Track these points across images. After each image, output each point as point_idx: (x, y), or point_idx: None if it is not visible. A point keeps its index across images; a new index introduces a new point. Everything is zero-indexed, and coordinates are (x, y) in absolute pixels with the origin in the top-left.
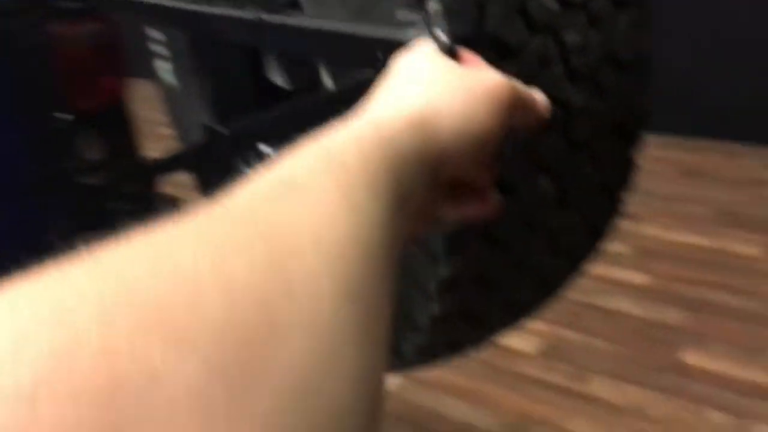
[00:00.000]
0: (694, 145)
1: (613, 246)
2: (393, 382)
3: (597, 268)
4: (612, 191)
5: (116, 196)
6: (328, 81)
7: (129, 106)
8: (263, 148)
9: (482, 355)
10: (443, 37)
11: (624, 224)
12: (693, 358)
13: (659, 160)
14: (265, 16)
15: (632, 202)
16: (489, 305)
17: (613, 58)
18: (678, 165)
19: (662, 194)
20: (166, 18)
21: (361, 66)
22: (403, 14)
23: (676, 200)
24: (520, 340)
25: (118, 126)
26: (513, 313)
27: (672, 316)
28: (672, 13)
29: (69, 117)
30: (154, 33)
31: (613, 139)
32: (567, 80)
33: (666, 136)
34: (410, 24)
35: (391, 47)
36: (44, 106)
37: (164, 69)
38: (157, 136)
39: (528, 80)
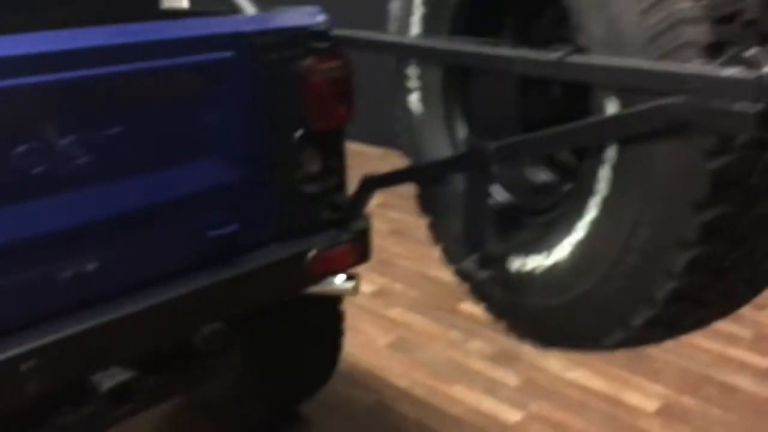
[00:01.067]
0: None
1: (734, 329)
2: (513, 418)
3: (719, 347)
4: None
5: (328, 205)
6: (611, 108)
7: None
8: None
9: (605, 406)
10: None
11: (745, 310)
12: None
13: None
14: (569, 58)
15: None
16: (716, 293)
17: None
18: None
19: None
20: (461, 59)
21: (656, 96)
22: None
23: None
24: (642, 398)
25: (336, 146)
26: (734, 304)
27: None
28: None
29: (302, 133)
30: (409, 70)
31: None
32: None
33: None
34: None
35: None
36: (288, 123)
37: (412, 99)
38: None
39: None
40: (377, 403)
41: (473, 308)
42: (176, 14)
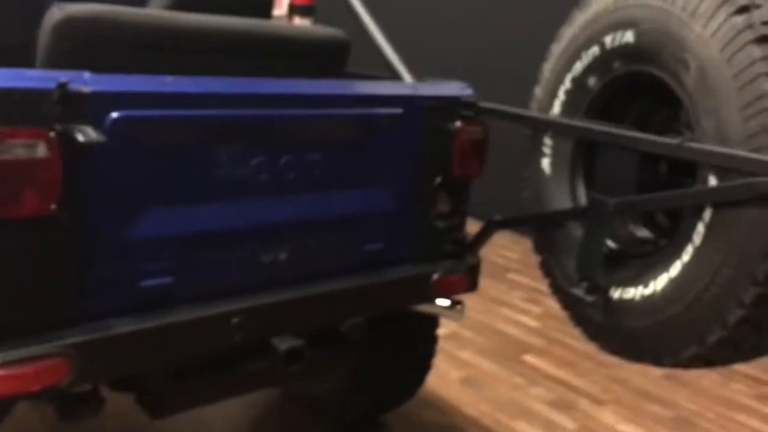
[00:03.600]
0: None
1: None
2: None
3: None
4: None
5: (451, 239)
6: (712, 181)
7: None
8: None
9: None
10: None
11: None
12: None
13: None
14: (686, 143)
15: None
16: None
17: None
18: None
19: None
20: (596, 136)
21: (746, 175)
22: None
23: None
24: None
25: (464, 193)
26: None
27: None
28: None
29: (441, 180)
30: (545, 140)
31: None
32: None
33: None
34: None
35: None
36: (433, 169)
37: (544, 162)
38: None
39: None
40: (449, 424)
41: (536, 360)
42: (356, 76)
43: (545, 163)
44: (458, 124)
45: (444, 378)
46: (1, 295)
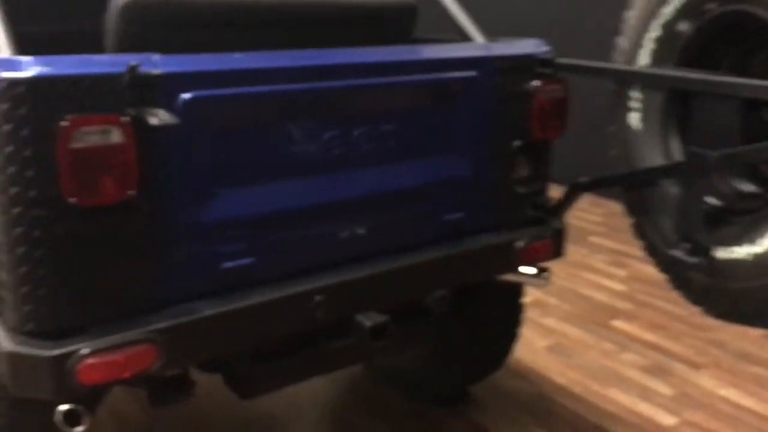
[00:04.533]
0: None
1: None
2: (668, 422)
3: None
4: None
5: (532, 204)
6: None
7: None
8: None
9: (759, 424)
10: None
11: None
12: None
13: None
14: None
15: None
16: None
17: None
18: None
19: None
20: (693, 85)
21: None
22: None
23: None
24: None
25: (545, 156)
26: None
27: None
28: None
29: (520, 143)
30: (632, 93)
31: None
32: None
33: None
34: None
35: None
36: (511, 132)
37: (634, 117)
38: None
39: None
40: (538, 394)
41: (625, 325)
42: (426, 40)
43: (634, 118)
44: (536, 83)
45: (530, 346)
46: (86, 284)
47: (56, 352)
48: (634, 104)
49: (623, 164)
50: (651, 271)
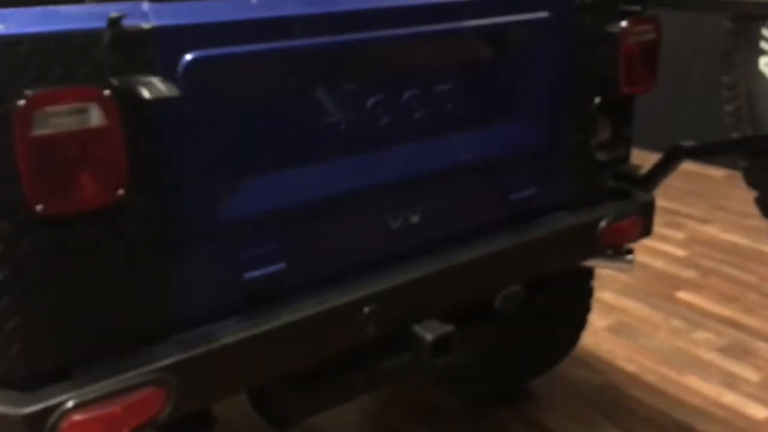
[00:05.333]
0: None
1: None
2: (761, 414)
3: None
4: None
5: (614, 174)
6: None
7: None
8: None
9: None
10: None
11: None
12: None
13: None
14: None
15: None
16: None
17: None
18: None
19: None
20: None
21: None
22: None
23: None
24: None
25: (628, 114)
26: None
27: None
28: None
29: (600, 100)
30: (765, 31)
31: None
32: None
33: None
34: None
35: None
36: (592, 87)
37: (764, 62)
38: None
39: None
40: (606, 385)
41: (692, 297)
42: None
43: (764, 63)
44: (623, 24)
45: (589, 328)
46: (67, 313)
47: (30, 408)
48: (766, 46)
49: (746, 124)
50: (712, 231)
